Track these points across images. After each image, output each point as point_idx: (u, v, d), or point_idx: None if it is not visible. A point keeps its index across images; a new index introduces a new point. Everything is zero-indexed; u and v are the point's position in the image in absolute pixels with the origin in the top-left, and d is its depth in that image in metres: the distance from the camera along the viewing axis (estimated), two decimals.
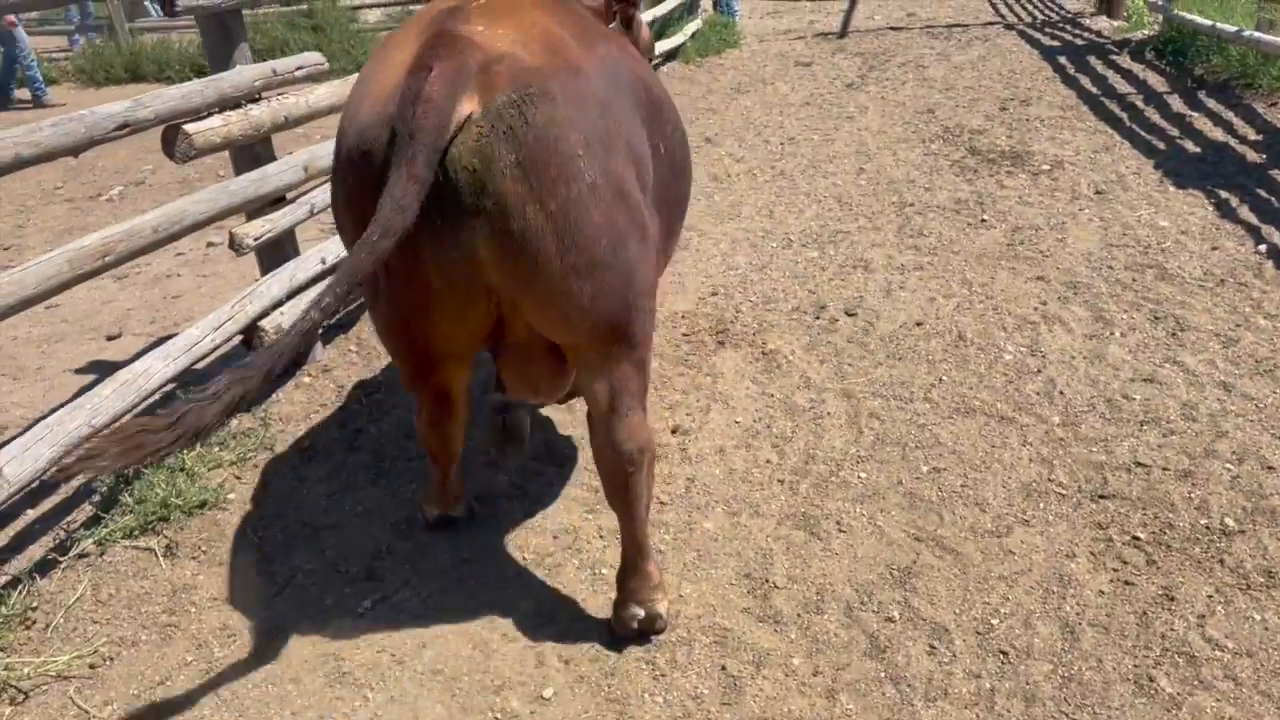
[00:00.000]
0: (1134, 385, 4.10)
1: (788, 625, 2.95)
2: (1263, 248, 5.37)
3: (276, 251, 4.42)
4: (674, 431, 4.03)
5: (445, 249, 2.38)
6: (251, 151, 4.22)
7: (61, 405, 3.41)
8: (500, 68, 2.33)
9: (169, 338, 3.86)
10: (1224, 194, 6.28)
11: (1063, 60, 10.81)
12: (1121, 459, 3.62)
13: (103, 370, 4.52)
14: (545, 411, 4.20)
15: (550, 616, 3.06)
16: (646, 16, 11.52)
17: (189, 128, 3.68)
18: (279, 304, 4.23)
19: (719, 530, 3.40)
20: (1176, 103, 8.64)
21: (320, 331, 4.68)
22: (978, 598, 3.00)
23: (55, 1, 3.43)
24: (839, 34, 14.08)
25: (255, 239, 4.03)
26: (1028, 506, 3.41)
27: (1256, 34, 8.44)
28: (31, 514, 3.72)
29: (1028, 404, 4.02)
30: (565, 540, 3.41)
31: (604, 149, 2.41)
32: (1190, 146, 7.36)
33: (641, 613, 2.89)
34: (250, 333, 4.14)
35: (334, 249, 4.67)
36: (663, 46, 11.73)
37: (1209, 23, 9.46)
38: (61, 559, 3.37)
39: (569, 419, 4.15)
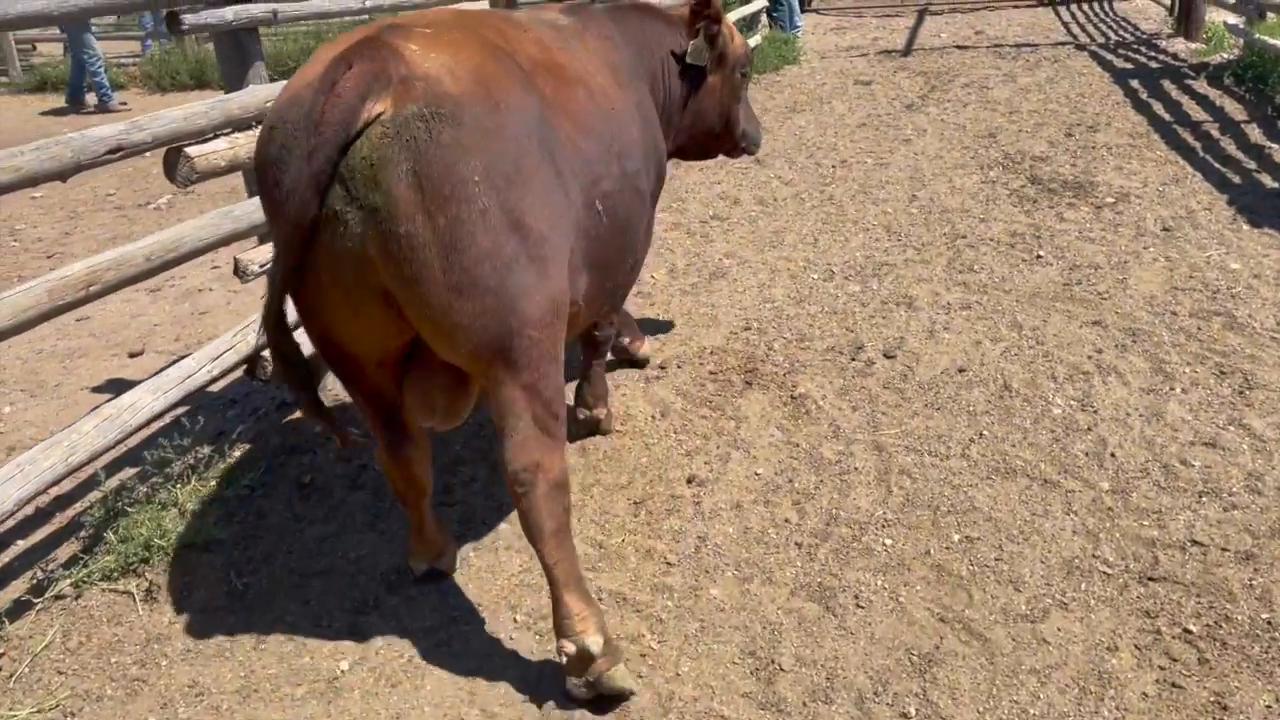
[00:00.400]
0: (1194, 449, 3.76)
1: (791, 716, 2.69)
2: None
3: None
4: (689, 482, 3.78)
5: (336, 239, 2.46)
6: None
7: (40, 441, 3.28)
8: (419, 83, 2.43)
9: (172, 364, 3.72)
10: None
11: (1135, 84, 10.36)
12: (1175, 535, 3.29)
13: (117, 389, 4.40)
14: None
15: (536, 689, 2.83)
16: None
17: (191, 150, 3.53)
18: None
19: (726, 598, 3.15)
20: (1255, 133, 8.18)
21: None
22: (1005, 694, 2.71)
23: (130, 7, 3.29)
24: (903, 52, 13.73)
25: (261, 265, 3.87)
26: (1068, 587, 3.10)
27: None
28: (18, 547, 3.60)
29: (1075, 466, 3.71)
30: None
31: (506, 182, 2.50)
32: (1268, 181, 6.92)
33: (571, 647, 2.73)
34: (253, 363, 3.98)
35: None
36: None
37: None
38: (37, 600, 3.23)
39: (577, 463, 3.93)
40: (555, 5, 3.95)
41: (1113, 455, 3.76)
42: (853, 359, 4.67)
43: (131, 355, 5.49)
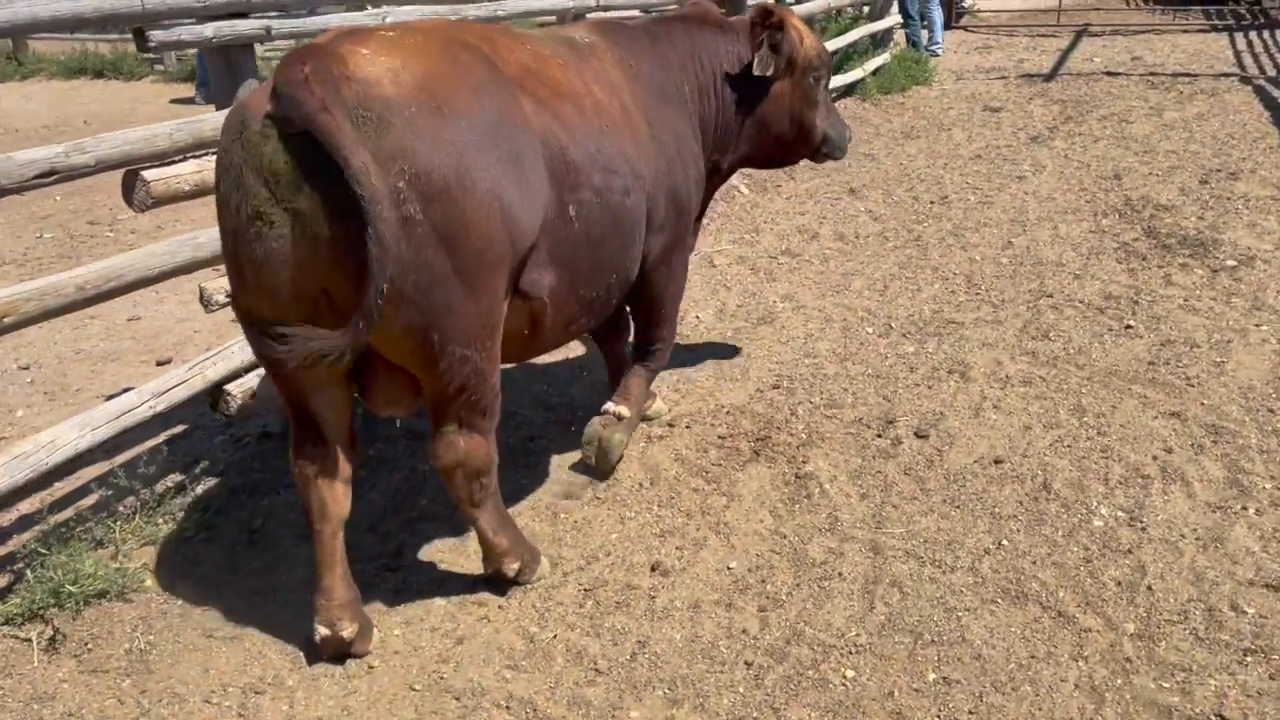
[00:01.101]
0: (1251, 592, 3.14)
1: None
2: None
3: None
4: (653, 569, 3.38)
5: (266, 236, 2.47)
6: None
7: None
8: (354, 86, 2.44)
9: (122, 392, 3.56)
10: None
11: None
12: (1200, 706, 2.71)
13: None
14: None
15: None
16: (831, 45, 10.78)
17: (148, 174, 3.35)
18: (253, 366, 3.85)
19: None
20: None
21: None
22: None
23: (116, 18, 3.17)
24: (1046, 76, 12.82)
25: (228, 295, 3.66)
26: None
27: None
28: None
29: (1100, 598, 3.14)
30: (469, 703, 2.85)
31: (438, 191, 2.49)
32: None
33: (488, 570, 3.28)
34: (217, 397, 3.78)
35: None
36: (839, 81, 10.93)
37: None
38: None
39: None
40: (588, 21, 3.80)
41: (1149, 588, 3.17)
42: (879, 435, 4.17)
43: (159, 363, 5.43)
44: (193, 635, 3.17)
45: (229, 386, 3.78)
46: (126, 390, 3.58)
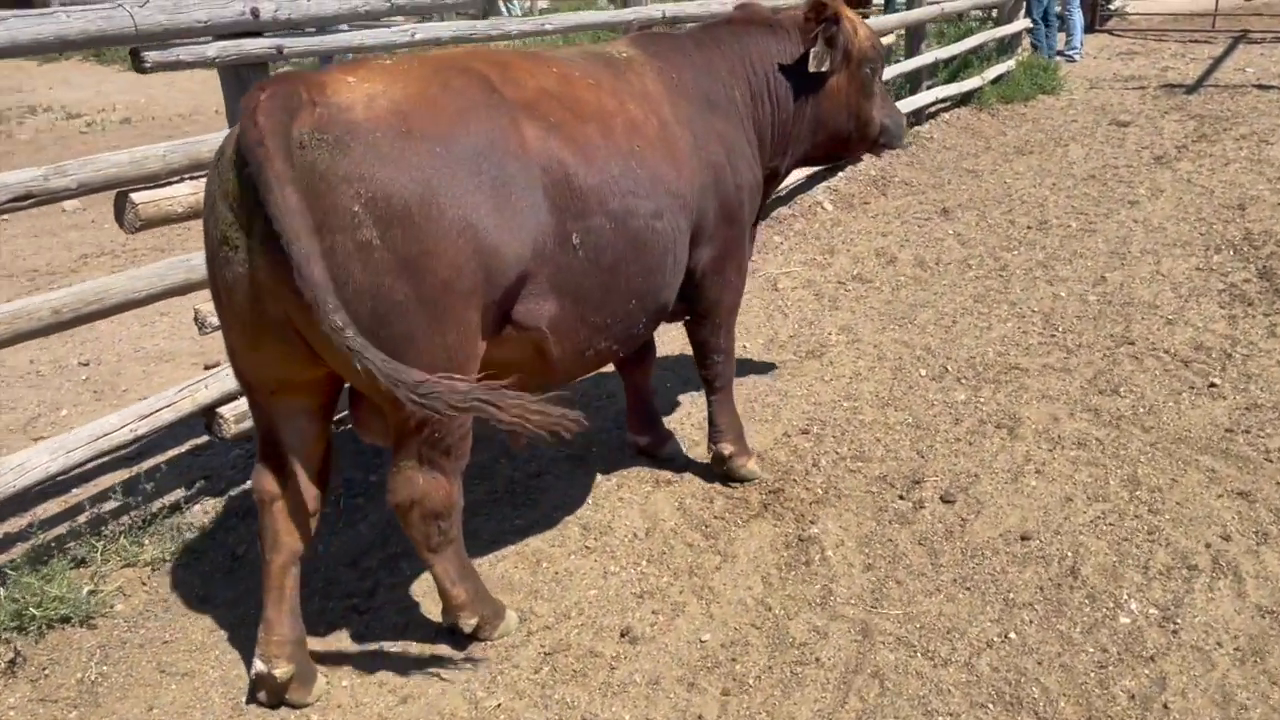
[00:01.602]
0: None
1: None
2: None
3: None
4: (623, 635, 3.18)
5: (233, 262, 2.48)
6: None
7: None
8: (319, 109, 2.42)
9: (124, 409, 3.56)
10: None
11: None
12: None
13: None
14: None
15: None
16: (943, 53, 10.28)
17: (137, 197, 3.32)
18: None
19: None
20: None
21: None
22: None
23: (102, 40, 3.17)
24: (1189, 88, 11.94)
25: None
26: None
27: None
28: None
29: (1105, 713, 2.78)
30: None
31: (399, 217, 2.42)
32: None
33: (446, 623, 3.14)
34: (211, 417, 3.75)
35: None
36: (952, 90, 10.41)
37: None
38: None
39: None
40: (631, 35, 3.72)
41: (1165, 706, 2.79)
42: (902, 495, 3.85)
43: (207, 367, 5.49)
44: (147, 669, 3.12)
45: (222, 409, 3.74)
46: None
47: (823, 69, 3.71)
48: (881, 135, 4.09)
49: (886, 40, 8.99)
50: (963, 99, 10.95)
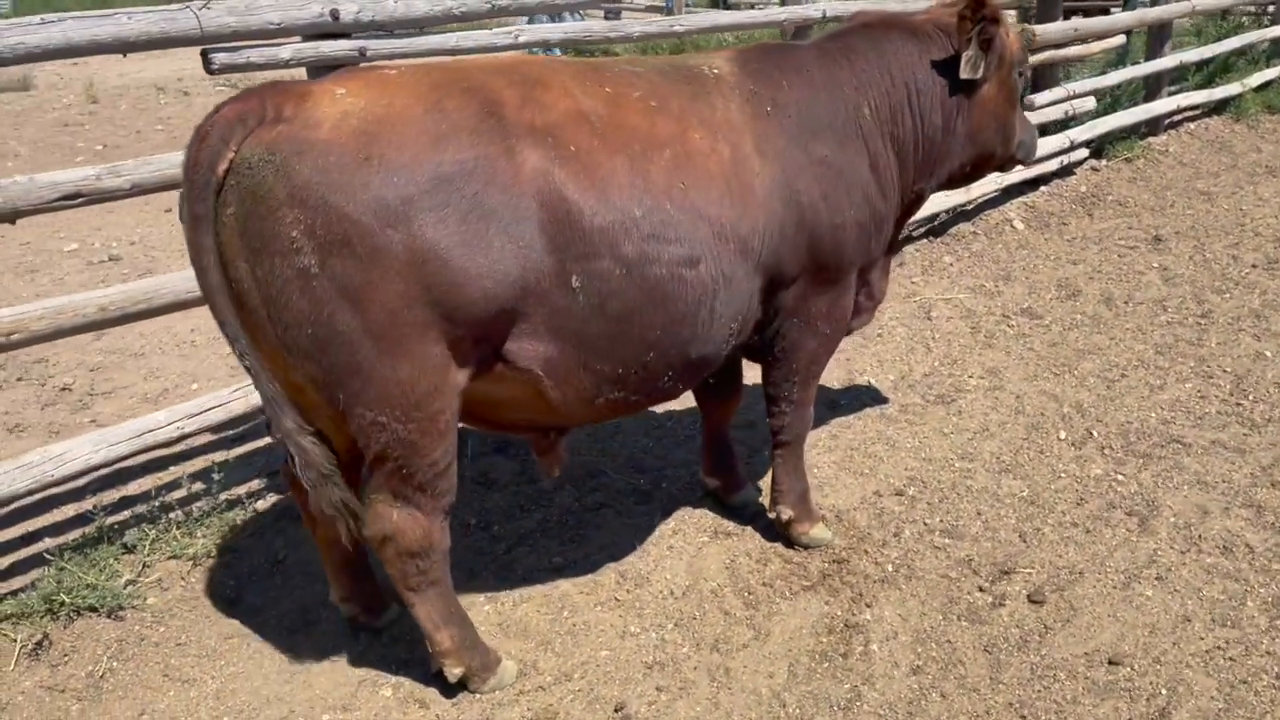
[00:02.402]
0: None
1: None
2: None
3: None
4: (616, 710, 2.91)
5: (204, 275, 2.41)
6: None
7: None
8: (281, 127, 2.34)
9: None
10: None
11: None
12: None
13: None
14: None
15: None
16: (1191, 55, 9.18)
17: None
18: None
19: None
20: None
21: None
22: None
23: (167, 41, 3.24)
24: None
25: None
26: None
27: None
28: None
29: None
30: None
31: (340, 245, 2.31)
32: None
33: (434, 668, 2.97)
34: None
35: None
36: (1199, 98, 9.22)
37: None
38: None
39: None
40: (740, 48, 3.33)
41: None
42: (982, 587, 3.35)
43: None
44: (153, 671, 3.15)
45: None
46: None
47: (976, 75, 3.28)
48: (1019, 150, 3.65)
49: (1113, 42, 8.03)
50: (1215, 107, 9.70)
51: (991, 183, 7.04)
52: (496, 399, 2.83)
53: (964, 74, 3.28)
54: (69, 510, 3.79)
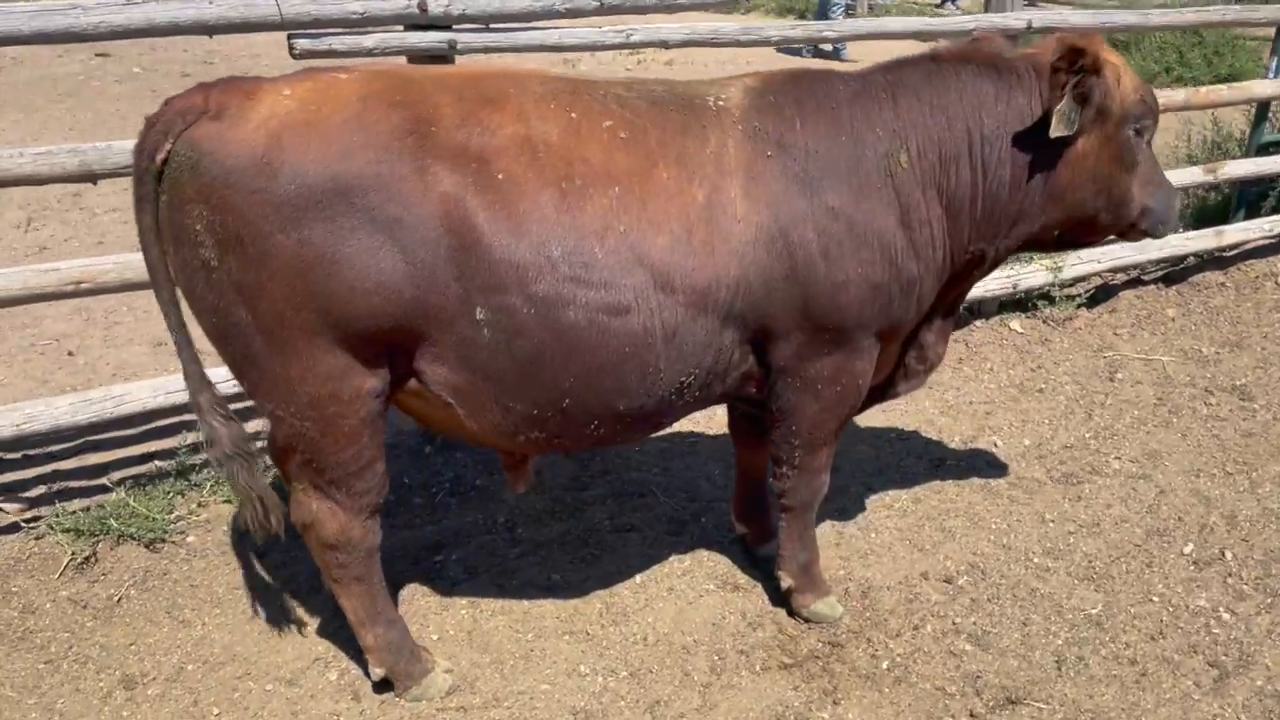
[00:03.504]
0: None
1: None
2: None
3: None
4: None
5: (144, 253, 2.52)
6: None
7: None
8: (210, 124, 2.39)
9: None
10: None
11: None
12: None
13: None
14: None
15: None
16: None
17: None
18: None
19: None
20: None
21: None
22: None
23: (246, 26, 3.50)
24: None
25: None
26: None
27: None
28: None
29: None
30: None
31: (234, 245, 2.37)
32: None
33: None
34: None
35: None
36: None
37: None
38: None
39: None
40: (765, 73, 2.98)
41: None
42: (974, 714, 2.90)
43: None
44: (159, 607, 3.38)
45: None
46: None
47: (1068, 133, 2.79)
48: (1141, 219, 3.08)
49: None
50: None
51: (1256, 224, 6.00)
52: (428, 416, 2.80)
53: (1055, 132, 2.77)
54: (151, 446, 4.17)
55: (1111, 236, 3.23)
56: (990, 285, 5.22)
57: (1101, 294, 5.81)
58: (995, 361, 5.10)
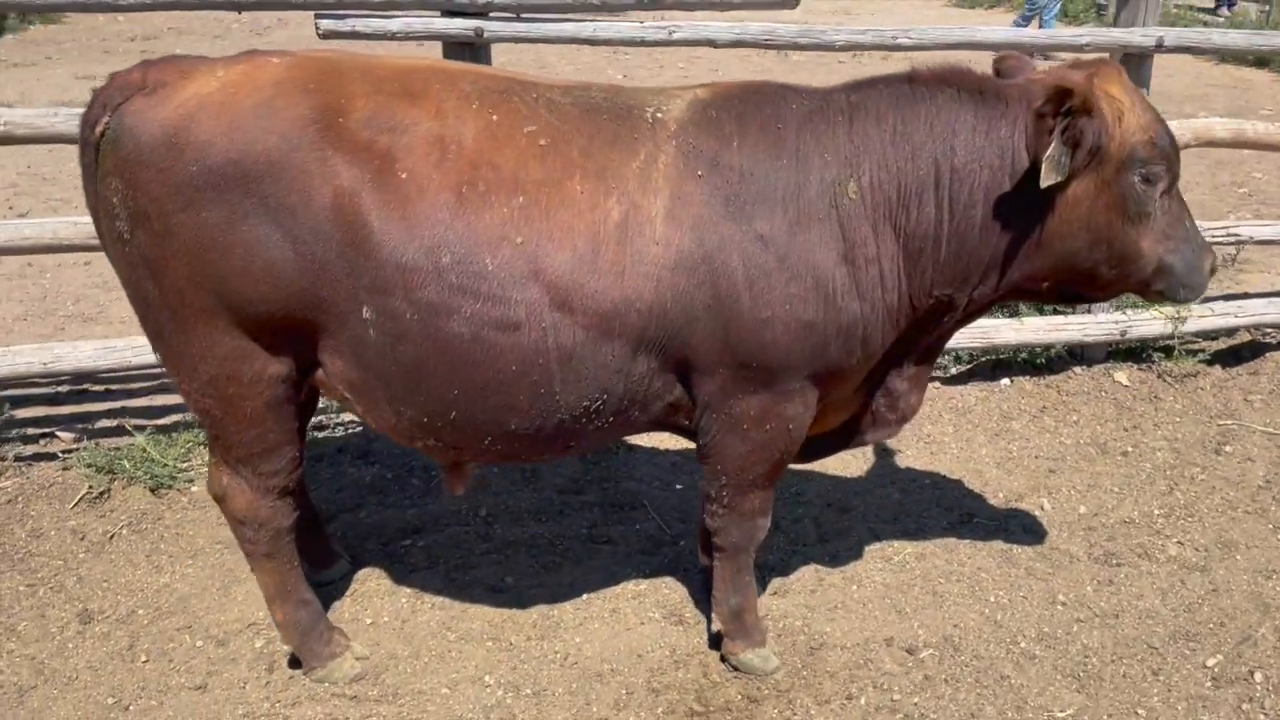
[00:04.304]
0: None
1: None
2: None
3: None
4: None
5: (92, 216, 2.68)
6: None
7: None
8: (138, 101, 2.45)
9: None
10: None
11: None
12: None
13: None
14: None
15: None
16: None
17: None
18: None
19: None
20: None
21: None
22: None
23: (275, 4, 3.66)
24: None
25: None
26: None
27: None
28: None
29: None
30: None
31: (143, 221, 2.43)
32: None
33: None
34: None
35: None
36: None
37: None
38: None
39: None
40: (721, 84, 2.75)
41: None
42: None
43: None
44: (141, 551, 3.59)
45: None
46: None
47: (1055, 179, 2.46)
48: (1156, 279, 2.70)
49: None
50: None
51: None
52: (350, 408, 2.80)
53: (1045, 181, 2.44)
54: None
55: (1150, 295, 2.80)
56: (1092, 330, 4.70)
57: (1248, 352, 5.11)
58: (1084, 414, 4.58)
